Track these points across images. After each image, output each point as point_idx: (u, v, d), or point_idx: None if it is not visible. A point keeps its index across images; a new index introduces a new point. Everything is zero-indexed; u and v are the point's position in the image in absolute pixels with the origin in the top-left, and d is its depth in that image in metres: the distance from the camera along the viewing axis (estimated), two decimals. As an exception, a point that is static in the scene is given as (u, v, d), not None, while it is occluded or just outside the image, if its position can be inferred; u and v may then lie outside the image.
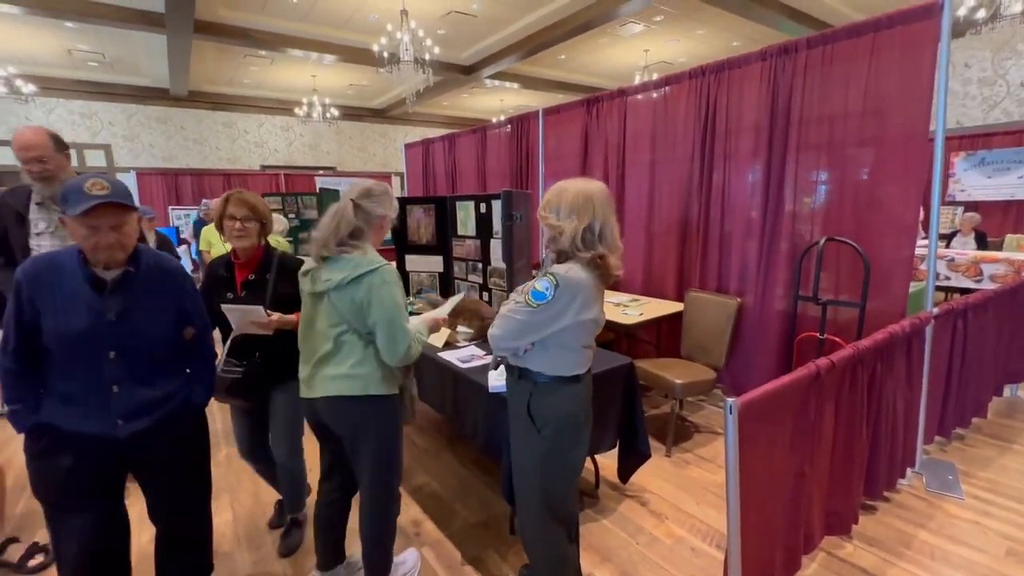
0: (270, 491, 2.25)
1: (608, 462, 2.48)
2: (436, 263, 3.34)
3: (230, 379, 1.77)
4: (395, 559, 1.81)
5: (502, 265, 2.76)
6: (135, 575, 1.52)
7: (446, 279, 3.34)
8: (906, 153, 2.42)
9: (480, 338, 2.60)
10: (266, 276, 1.83)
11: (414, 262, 3.43)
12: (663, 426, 2.93)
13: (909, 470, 2.44)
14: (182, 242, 6.79)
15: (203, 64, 8.42)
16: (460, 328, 2.68)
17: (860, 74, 2.51)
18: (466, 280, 3.22)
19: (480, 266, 3.08)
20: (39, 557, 1.98)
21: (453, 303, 1.89)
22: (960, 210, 7.15)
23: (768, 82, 2.88)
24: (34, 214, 2.04)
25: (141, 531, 1.75)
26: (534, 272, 1.63)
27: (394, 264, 1.67)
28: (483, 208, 2.95)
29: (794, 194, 2.90)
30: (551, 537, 1.52)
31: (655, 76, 8.99)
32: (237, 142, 11.06)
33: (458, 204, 3.16)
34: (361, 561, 1.74)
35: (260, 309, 1.70)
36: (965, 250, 6.13)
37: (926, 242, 6.75)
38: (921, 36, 2.28)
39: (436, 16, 6.74)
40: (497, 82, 9.60)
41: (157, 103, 10.02)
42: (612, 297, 3.61)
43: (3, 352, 1.33)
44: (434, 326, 1.80)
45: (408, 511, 2.31)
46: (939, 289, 5.57)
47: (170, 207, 8.47)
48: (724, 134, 3.18)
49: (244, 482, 2.57)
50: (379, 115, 12.45)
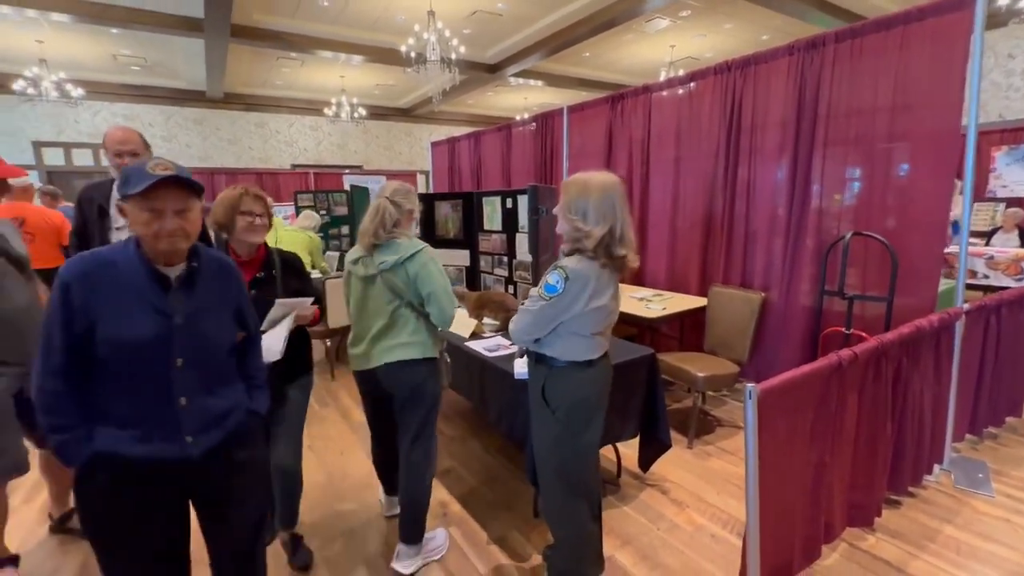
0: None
1: (629, 452, 2.53)
2: (463, 257, 3.44)
3: None
4: (426, 533, 1.92)
5: (528, 258, 2.84)
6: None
7: (472, 272, 3.43)
8: (937, 149, 2.39)
9: (505, 329, 2.68)
10: (272, 272, 1.80)
11: (441, 256, 3.52)
12: (685, 419, 2.96)
13: (937, 467, 2.42)
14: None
15: (238, 67, 8.74)
16: (486, 320, 2.77)
17: (890, 68, 2.49)
18: (492, 274, 3.31)
19: (506, 260, 3.16)
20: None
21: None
22: (1002, 206, 6.87)
23: (795, 77, 2.87)
24: (114, 210, 2.09)
25: None
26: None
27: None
28: (509, 203, 3.03)
29: (821, 189, 2.88)
30: (573, 514, 1.59)
31: (681, 72, 8.89)
32: (269, 142, 11.41)
33: (484, 200, 3.25)
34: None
35: (309, 300, 1.79)
36: (1006, 247, 5.91)
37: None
38: (953, 28, 2.25)
39: (462, 16, 6.84)
40: (521, 80, 9.66)
41: (194, 105, 10.43)
42: (636, 292, 3.64)
43: (46, 372, 1.10)
44: None
45: (436, 494, 2.40)
46: (978, 288, 5.38)
47: (207, 205, 8.84)
48: (750, 129, 3.18)
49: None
50: (405, 114, 12.67)
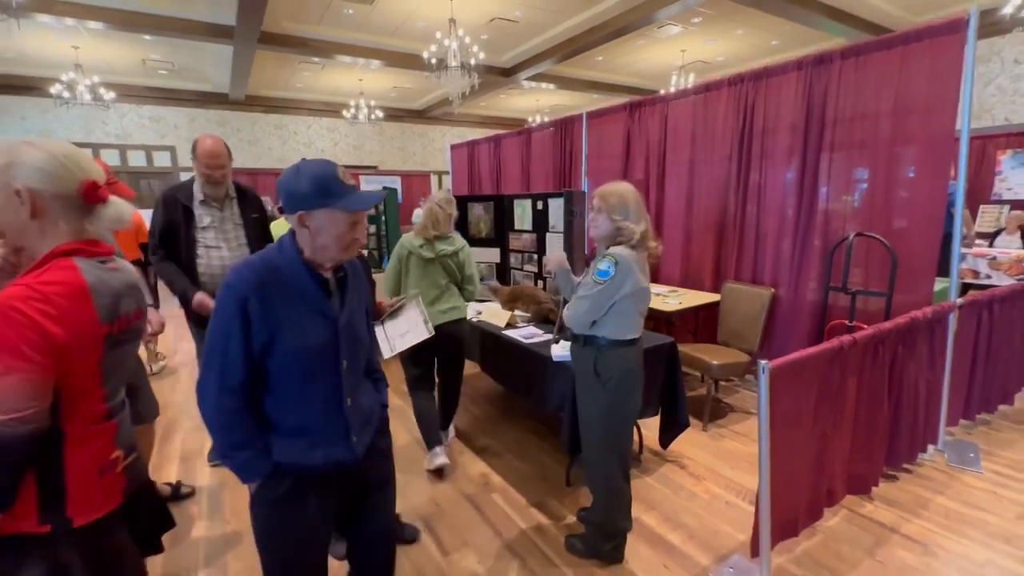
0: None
1: (650, 433, 2.78)
2: (493, 254, 3.71)
3: None
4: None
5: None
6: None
7: (503, 268, 3.70)
8: (933, 155, 2.63)
9: (537, 320, 2.94)
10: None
11: (474, 253, 3.82)
12: (700, 405, 3.21)
13: (932, 447, 2.66)
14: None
15: (261, 71, 9.04)
16: (518, 311, 3.03)
17: (891, 83, 2.72)
18: (521, 270, 3.58)
19: (536, 257, 3.43)
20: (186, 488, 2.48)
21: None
22: (1007, 208, 7.05)
23: (804, 89, 3.11)
24: (198, 209, 2.37)
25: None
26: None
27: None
28: (540, 205, 3.29)
29: (827, 193, 3.12)
30: (611, 473, 1.86)
31: (692, 76, 9.08)
32: (287, 143, 11.73)
33: (516, 202, 3.51)
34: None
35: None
36: (1009, 249, 6.09)
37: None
38: (948, 48, 2.48)
39: (481, 23, 7.10)
40: (534, 83, 9.91)
41: (217, 107, 10.76)
42: (653, 288, 3.87)
43: (223, 390, 1.09)
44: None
45: (477, 467, 2.68)
46: (981, 288, 5.57)
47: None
48: (761, 136, 3.42)
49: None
50: (419, 116, 12.94)
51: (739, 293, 3.36)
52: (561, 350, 2.30)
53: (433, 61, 6.61)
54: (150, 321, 2.32)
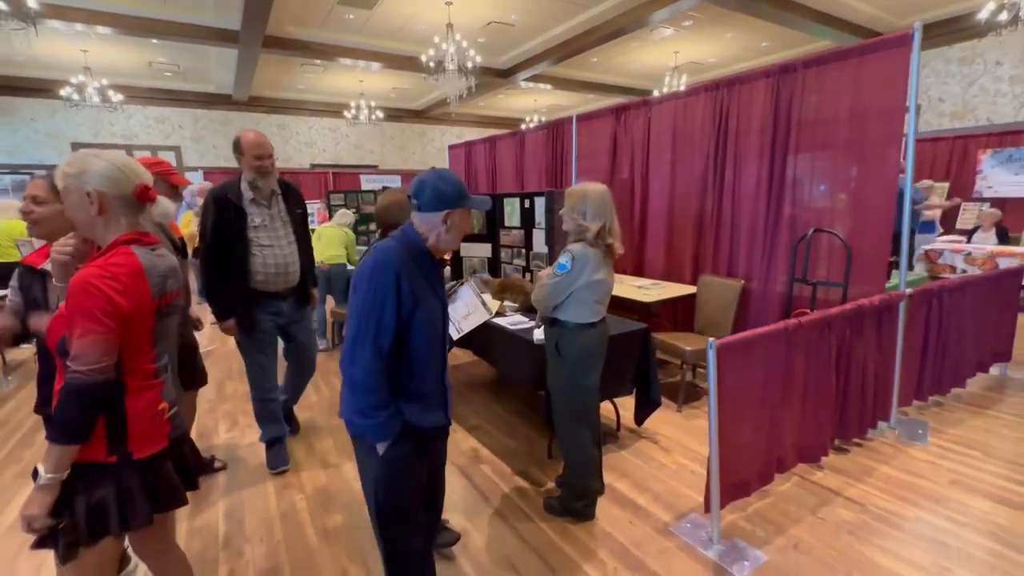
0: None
1: (627, 413, 3.03)
2: (486, 249, 3.96)
3: None
4: None
5: (544, 250, 3.35)
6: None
7: (494, 262, 3.95)
8: (883, 156, 2.86)
9: (524, 309, 3.19)
10: None
11: (468, 249, 4.08)
12: (676, 389, 3.45)
13: (884, 424, 2.90)
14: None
15: (264, 72, 9.27)
16: (507, 302, 3.28)
17: (847, 90, 2.96)
18: (511, 264, 3.83)
19: (523, 251, 3.68)
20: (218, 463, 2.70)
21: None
22: (986, 206, 7.28)
23: (772, 96, 3.34)
24: (249, 208, 2.31)
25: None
26: None
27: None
28: (527, 204, 3.54)
29: (792, 191, 3.36)
30: (580, 439, 2.11)
31: (684, 76, 9.28)
32: (290, 143, 11.98)
33: (506, 200, 3.76)
34: None
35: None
36: (985, 245, 6.34)
37: (947, 237, 6.98)
38: (896, 59, 2.72)
39: (478, 26, 7.33)
40: (531, 84, 10.14)
41: (220, 108, 11.00)
42: (636, 281, 4.14)
43: (376, 353, 1.24)
44: None
45: (468, 442, 2.94)
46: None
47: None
48: (735, 139, 3.65)
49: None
50: (418, 115, 13.17)
51: (713, 285, 3.60)
52: (541, 334, 2.55)
53: (431, 65, 6.85)
54: (197, 318, 2.52)
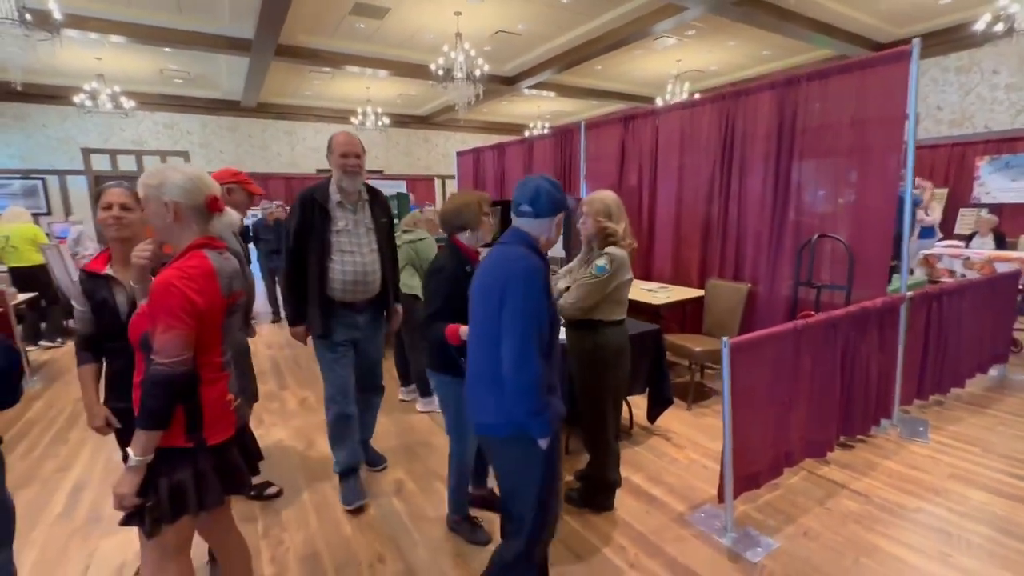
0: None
1: (639, 412, 3.14)
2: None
3: None
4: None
5: (561, 254, 3.47)
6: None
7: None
8: (883, 164, 3.00)
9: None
10: None
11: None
12: (685, 389, 3.57)
13: (886, 421, 3.02)
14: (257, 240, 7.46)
15: (273, 79, 9.42)
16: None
17: (849, 102, 3.09)
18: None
19: (537, 256, 3.81)
20: (273, 488, 2.55)
21: None
22: (984, 212, 7.43)
23: (776, 107, 3.48)
24: (335, 211, 2.25)
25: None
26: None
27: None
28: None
29: (797, 197, 3.49)
30: (608, 433, 2.24)
31: (687, 84, 9.42)
32: (296, 148, 12.13)
33: (518, 206, 3.89)
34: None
35: None
36: (982, 250, 6.48)
37: (946, 242, 7.09)
38: (896, 73, 2.85)
39: (485, 35, 7.49)
40: (535, 91, 10.30)
41: (228, 114, 11.14)
42: (645, 284, 4.26)
43: (540, 355, 1.28)
44: None
45: (485, 439, 3.05)
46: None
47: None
48: (741, 148, 3.79)
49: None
50: (423, 121, 13.33)
51: (720, 288, 3.73)
52: (562, 335, 2.67)
53: (440, 72, 7.00)
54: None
